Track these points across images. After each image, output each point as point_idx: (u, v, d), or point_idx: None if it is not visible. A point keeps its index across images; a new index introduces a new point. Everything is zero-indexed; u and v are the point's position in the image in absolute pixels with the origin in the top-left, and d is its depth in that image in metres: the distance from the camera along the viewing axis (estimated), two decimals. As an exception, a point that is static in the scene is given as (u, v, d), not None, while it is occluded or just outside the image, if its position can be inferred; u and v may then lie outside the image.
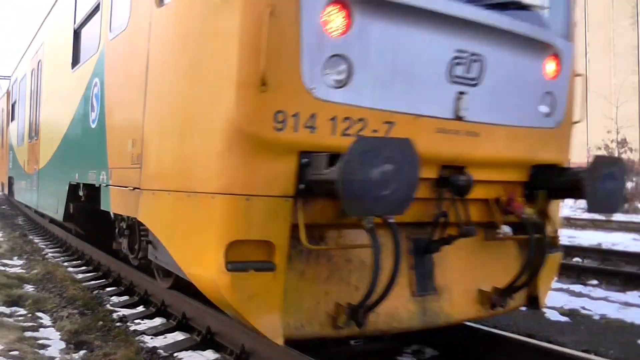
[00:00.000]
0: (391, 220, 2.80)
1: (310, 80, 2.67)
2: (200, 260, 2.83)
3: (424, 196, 3.25)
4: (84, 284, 7.44)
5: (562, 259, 4.56)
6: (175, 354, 4.66)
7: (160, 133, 3.49)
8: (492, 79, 3.29)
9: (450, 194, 3.28)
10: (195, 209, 2.89)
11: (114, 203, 4.70)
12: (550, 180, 3.73)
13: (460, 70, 3.17)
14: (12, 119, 13.05)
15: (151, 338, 5.11)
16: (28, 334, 5.05)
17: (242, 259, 2.67)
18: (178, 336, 5.15)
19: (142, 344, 4.86)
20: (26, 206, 12.15)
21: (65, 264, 9.13)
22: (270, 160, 2.61)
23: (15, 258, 9.67)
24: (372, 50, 2.85)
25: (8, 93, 14.39)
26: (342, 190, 2.36)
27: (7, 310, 5.87)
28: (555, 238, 4.06)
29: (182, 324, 5.38)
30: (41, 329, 5.25)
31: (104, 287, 7.34)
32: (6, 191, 14.36)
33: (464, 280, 3.65)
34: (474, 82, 3.23)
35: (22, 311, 5.88)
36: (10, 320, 5.46)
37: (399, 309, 3.24)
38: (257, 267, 2.66)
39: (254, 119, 2.55)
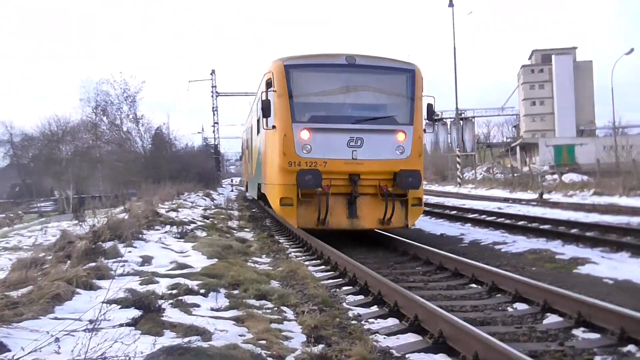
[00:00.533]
0: (326, 191, 10.80)
1: (298, 152, 10.76)
2: (274, 203, 10.89)
3: (345, 184, 11.02)
4: (322, 282, 7.65)
5: (423, 210, 12.40)
6: (407, 355, 4.68)
7: (266, 166, 12.16)
8: (368, 145, 11.14)
9: (353, 184, 11.06)
10: (273, 189, 11.04)
11: (263, 189, 13.27)
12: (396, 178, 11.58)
13: (352, 143, 11.12)
14: (246, 147, 23.79)
15: (384, 338, 5.18)
16: (274, 325, 5.32)
17: (284, 202, 10.58)
18: (410, 338, 5.17)
19: (375, 343, 4.93)
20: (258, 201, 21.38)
21: (306, 263, 9.44)
22: (289, 175, 10.48)
23: (264, 256, 10.13)
24: (318, 142, 10.92)
25: (246, 131, 24.70)
26: (297, 181, 10.38)
27: (256, 303, 6.24)
28: (418, 201, 11.55)
29: (415, 326, 5.39)
30: (285, 322, 5.51)
31: (340, 286, 7.50)
32: (245, 189, 26.75)
33: (370, 214, 11.13)
34: (359, 147, 11.10)
35: (269, 305, 6.21)
36: (260, 312, 5.79)
37: (340, 222, 10.97)
38: (288, 204, 10.64)
39: (283, 164, 10.64)
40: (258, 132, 15.98)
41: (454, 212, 19.16)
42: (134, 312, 5.12)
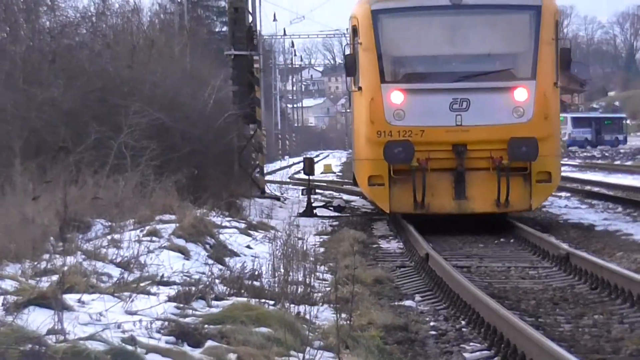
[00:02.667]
0: (424, 167, 30.72)
1: (389, 119, 31.59)
2: (362, 182, 35.00)
3: (449, 157, 31.09)
4: None
5: (555, 188, 33.57)
6: None
7: (354, 137, 41.81)
8: (477, 107, 30.67)
9: (459, 156, 31.22)
10: (361, 165, 36.29)
11: (353, 167, 46.71)
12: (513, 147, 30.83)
13: (456, 106, 30.69)
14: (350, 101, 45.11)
15: None
16: None
17: (372, 182, 32.47)
18: None
19: None
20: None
21: None
22: (377, 147, 31.81)
23: None
24: (413, 106, 31.71)
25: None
26: (384, 155, 31.41)
27: None
28: (546, 175, 30.46)
29: None
30: None
31: None
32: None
33: (483, 194, 30.29)
34: (465, 110, 30.66)
35: None
36: None
37: (444, 205, 30.83)
38: (378, 184, 32.07)
39: (371, 134, 32.48)
40: (355, 90, 33.28)
41: None
42: None
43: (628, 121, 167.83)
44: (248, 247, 27.18)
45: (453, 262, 22.34)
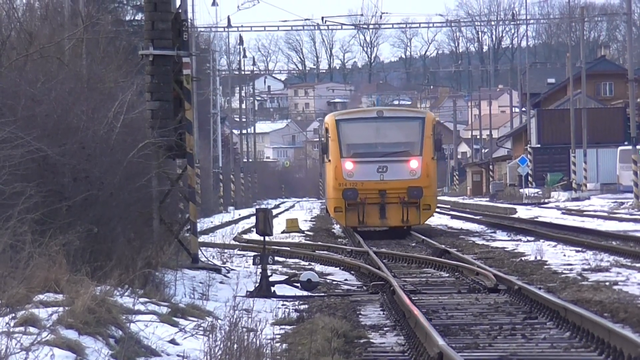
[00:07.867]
0: (364, 202, 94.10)
1: (345, 177, 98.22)
2: (330, 210, 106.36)
3: (377, 197, 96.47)
4: None
5: (433, 214, 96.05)
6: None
7: (325, 186, 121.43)
8: (392, 170, 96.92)
9: (382, 196, 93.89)
10: (330, 201, 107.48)
11: (325, 201, 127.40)
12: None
13: (380, 170, 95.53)
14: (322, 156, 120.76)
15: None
16: None
17: (336, 210, 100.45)
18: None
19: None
20: None
21: None
22: (339, 192, 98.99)
23: None
24: (357, 170, 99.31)
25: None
26: (342, 196, 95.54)
27: None
28: (427, 206, 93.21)
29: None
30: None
31: None
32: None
33: (395, 216, 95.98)
34: (385, 172, 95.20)
35: None
36: None
37: (374, 222, 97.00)
38: (339, 211, 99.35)
39: (335, 185, 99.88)
40: (324, 161, 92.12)
41: None
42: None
43: None
44: (173, 342, 21.70)
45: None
